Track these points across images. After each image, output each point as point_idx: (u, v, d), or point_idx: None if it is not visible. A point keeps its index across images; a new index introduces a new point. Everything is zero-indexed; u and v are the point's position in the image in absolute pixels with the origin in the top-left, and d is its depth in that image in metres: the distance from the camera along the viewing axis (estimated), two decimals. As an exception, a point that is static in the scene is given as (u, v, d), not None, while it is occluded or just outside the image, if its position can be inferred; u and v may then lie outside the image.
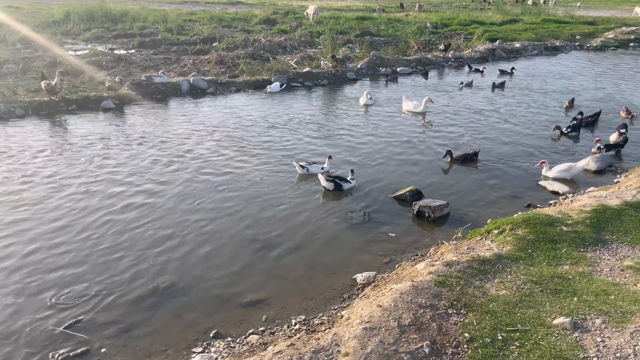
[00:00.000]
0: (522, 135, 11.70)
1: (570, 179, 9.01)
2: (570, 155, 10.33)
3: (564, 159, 9.95)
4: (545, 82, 17.87)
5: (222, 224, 7.19)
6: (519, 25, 32.48)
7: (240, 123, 12.17)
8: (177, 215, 7.45)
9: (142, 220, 7.27)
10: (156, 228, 7.05)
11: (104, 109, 12.90)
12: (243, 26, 31.19)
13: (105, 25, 28.47)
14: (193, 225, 7.14)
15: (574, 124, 11.94)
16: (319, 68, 18.83)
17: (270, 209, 7.67)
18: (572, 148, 10.85)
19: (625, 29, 30.52)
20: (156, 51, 22.96)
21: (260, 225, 7.17)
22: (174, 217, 7.38)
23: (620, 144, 10.56)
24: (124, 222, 7.20)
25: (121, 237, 6.78)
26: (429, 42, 26.31)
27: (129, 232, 6.92)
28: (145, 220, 7.28)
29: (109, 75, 16.90)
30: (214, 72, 18.55)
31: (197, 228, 7.06)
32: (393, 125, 12.39)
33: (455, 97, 15.36)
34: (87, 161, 9.45)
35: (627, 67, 21.48)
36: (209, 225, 7.16)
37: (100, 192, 8.17)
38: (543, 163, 9.25)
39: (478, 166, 9.67)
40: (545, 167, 9.22)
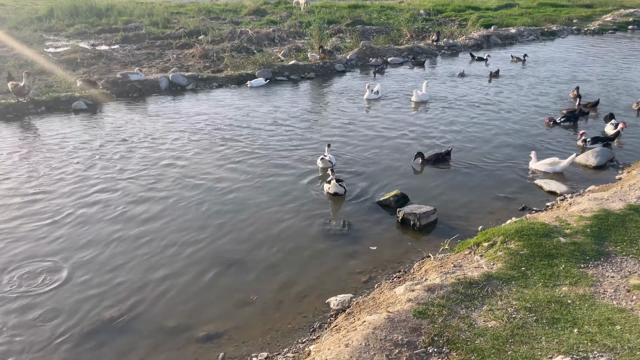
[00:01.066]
0: (518, 129, 11.03)
1: (554, 173, 8.47)
2: (568, 150, 9.68)
3: (556, 154, 9.33)
4: (545, 70, 17.14)
5: (182, 238, 6.54)
6: (515, 9, 31.64)
7: (218, 122, 11.48)
8: (134, 228, 6.80)
9: (94, 235, 6.63)
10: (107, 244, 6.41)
11: (75, 110, 12.19)
12: (232, 18, 30.34)
13: (90, 20, 27.64)
14: (148, 242, 6.49)
15: (572, 113, 11.38)
16: (307, 60, 18.10)
17: (239, 220, 7.02)
18: (570, 143, 10.16)
19: (623, 11, 29.69)
20: (139, 46, 22.19)
21: (226, 239, 6.53)
22: (129, 230, 6.74)
23: (610, 137, 9.88)
24: (73, 235, 6.56)
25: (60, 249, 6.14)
26: (422, 29, 25.52)
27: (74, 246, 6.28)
28: (98, 233, 6.64)
29: (86, 73, 16.20)
30: (197, 66, 17.82)
31: (152, 245, 6.41)
32: (381, 120, 11.71)
33: (449, 89, 14.64)
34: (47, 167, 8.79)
35: (628, 51, 20.72)
36: (166, 241, 6.51)
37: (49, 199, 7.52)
38: (533, 154, 8.80)
39: (470, 165, 9.01)
40: (533, 158, 8.76)
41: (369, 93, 13.58)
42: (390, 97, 13.77)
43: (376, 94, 13.59)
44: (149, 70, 16.99)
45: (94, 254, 6.19)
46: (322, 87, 15.47)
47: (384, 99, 13.60)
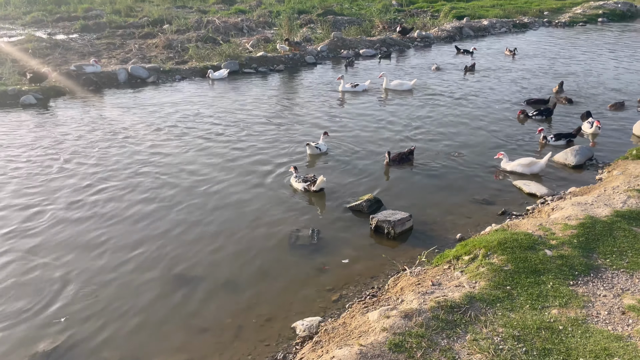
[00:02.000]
0: (492, 125, 10.66)
1: (531, 174, 8.11)
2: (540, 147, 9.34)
3: (528, 153, 9.00)
4: (521, 63, 16.86)
5: (126, 255, 5.89)
6: (487, 1, 31.48)
7: (177, 118, 10.76)
8: (75, 242, 6.11)
9: (28, 253, 5.92)
10: (43, 267, 5.71)
11: (24, 105, 11.27)
12: (199, 6, 29.33)
13: (48, 8, 26.26)
14: (93, 260, 5.83)
15: (545, 108, 11.15)
16: (276, 52, 17.41)
17: (194, 230, 6.40)
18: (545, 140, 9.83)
19: (592, 4, 29.83)
20: (99, 35, 21.09)
21: (180, 252, 5.91)
22: (70, 246, 6.05)
23: (572, 134, 9.57)
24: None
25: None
26: (395, 20, 25.07)
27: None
28: (32, 253, 5.93)
29: (42, 64, 15.16)
30: (161, 57, 16.94)
31: (98, 259, 5.75)
32: (352, 116, 11.18)
33: (421, 82, 14.20)
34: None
35: (600, 43, 20.67)
36: (106, 259, 5.85)
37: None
38: (501, 155, 8.36)
39: (444, 165, 8.56)
40: (504, 159, 8.34)
41: (343, 85, 13.12)
42: (362, 92, 13.25)
43: (353, 87, 13.14)
44: (108, 62, 16.05)
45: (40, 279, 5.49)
46: (290, 80, 14.83)
47: (355, 92, 13.09)
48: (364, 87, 13.27)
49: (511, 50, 18.14)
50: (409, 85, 13.29)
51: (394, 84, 13.30)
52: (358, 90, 13.13)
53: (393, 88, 13.27)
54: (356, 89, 13.14)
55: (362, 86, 13.25)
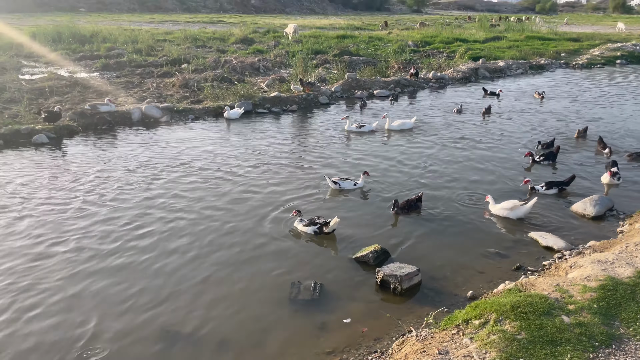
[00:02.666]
0: (505, 171, 10.34)
1: (516, 218, 7.91)
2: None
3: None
4: (543, 106, 16.59)
5: (112, 308, 5.66)
6: (503, 42, 31.57)
7: (184, 159, 10.67)
8: (62, 289, 5.91)
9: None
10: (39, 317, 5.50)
11: (36, 144, 11.33)
12: (218, 46, 29.88)
13: (72, 47, 26.98)
14: (78, 305, 5.61)
15: (549, 152, 10.80)
16: (290, 92, 17.48)
17: (189, 280, 6.16)
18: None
19: (610, 46, 29.68)
20: (119, 74, 21.50)
21: (172, 305, 5.65)
22: (58, 291, 5.85)
23: (564, 182, 9.12)
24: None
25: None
26: (410, 61, 25.19)
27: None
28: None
29: (58, 103, 15.41)
30: (176, 96, 17.13)
31: (78, 311, 5.53)
32: (362, 157, 10.99)
33: (431, 123, 14.02)
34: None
35: (622, 85, 20.38)
36: (84, 315, 5.62)
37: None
38: (488, 198, 8.20)
39: (454, 212, 8.25)
40: (491, 201, 8.15)
41: (349, 125, 13.16)
42: (368, 132, 13.14)
43: (359, 128, 13.09)
44: (125, 100, 16.25)
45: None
46: (302, 121, 14.78)
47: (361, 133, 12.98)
48: (370, 127, 13.24)
49: (540, 93, 17.88)
50: (410, 124, 13.40)
51: (395, 124, 13.39)
52: (364, 131, 13.10)
53: (396, 128, 13.32)
54: (362, 129, 13.12)
55: (368, 127, 13.22)
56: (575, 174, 9.40)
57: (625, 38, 35.98)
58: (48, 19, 43.06)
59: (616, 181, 9.42)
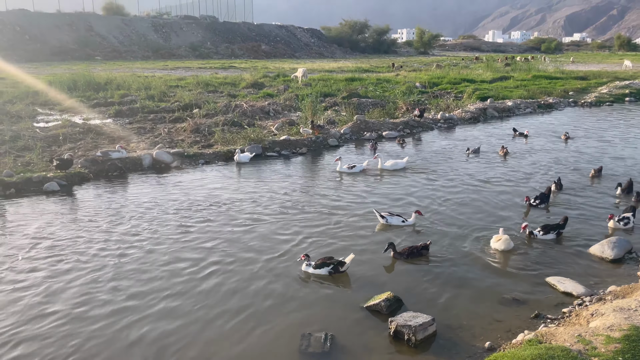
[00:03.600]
0: (512, 213, 10.17)
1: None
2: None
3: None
4: (554, 146, 16.47)
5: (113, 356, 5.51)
6: (510, 82, 31.85)
7: (193, 205, 10.64)
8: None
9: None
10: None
11: (47, 192, 11.41)
12: (230, 90, 30.48)
13: (87, 94, 27.63)
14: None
15: (541, 194, 10.51)
16: (299, 135, 17.61)
17: (193, 326, 6.00)
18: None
19: (618, 83, 29.80)
20: (132, 120, 21.88)
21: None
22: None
23: (560, 224, 8.81)
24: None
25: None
26: (418, 102, 25.42)
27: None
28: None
29: (71, 150, 15.64)
30: (187, 141, 17.31)
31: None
32: (367, 197, 10.89)
33: (440, 163, 13.95)
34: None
35: (634, 123, 20.30)
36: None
37: None
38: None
39: (465, 255, 8.06)
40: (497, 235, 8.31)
41: (341, 166, 13.39)
42: (359, 172, 13.26)
43: (350, 168, 13.34)
44: (137, 146, 16.45)
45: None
46: (311, 163, 14.79)
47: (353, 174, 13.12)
48: (361, 167, 13.46)
49: (566, 134, 17.48)
50: (402, 164, 13.63)
51: (388, 164, 13.63)
52: (355, 171, 13.30)
53: (389, 168, 13.53)
54: (353, 170, 13.33)
55: (359, 167, 13.42)
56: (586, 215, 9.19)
57: (633, 75, 36.15)
58: (65, 67, 44.43)
59: (622, 226, 9.10)
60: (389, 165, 13.60)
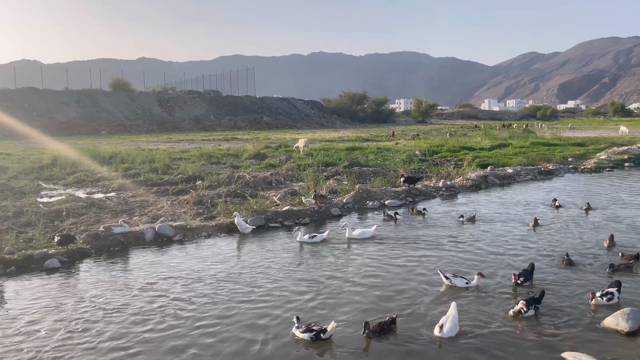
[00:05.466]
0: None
1: None
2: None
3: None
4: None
5: None
6: (509, 149, 32.35)
7: (197, 279, 10.46)
8: None
9: None
10: None
11: (48, 269, 11.26)
12: (232, 162, 30.94)
13: (91, 168, 28.01)
14: None
15: (524, 270, 9.81)
16: (302, 205, 17.65)
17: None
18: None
19: (616, 149, 30.23)
20: (135, 193, 22.04)
21: None
22: None
23: (536, 298, 8.38)
24: None
25: None
26: (419, 170, 25.68)
27: None
28: None
29: (73, 225, 15.64)
30: (190, 213, 17.34)
31: None
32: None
33: (430, 233, 13.84)
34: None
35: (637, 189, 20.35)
36: None
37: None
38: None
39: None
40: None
41: (301, 236, 13.43)
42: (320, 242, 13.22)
43: (311, 238, 13.36)
44: (139, 219, 16.45)
45: None
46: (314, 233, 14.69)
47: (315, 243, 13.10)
48: (322, 237, 13.48)
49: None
50: (370, 233, 13.66)
51: (356, 233, 13.66)
52: (316, 241, 13.33)
53: (357, 237, 13.54)
54: (314, 239, 13.36)
55: (320, 237, 13.46)
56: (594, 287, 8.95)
57: (630, 141, 36.77)
58: (71, 142, 45.48)
59: (605, 302, 8.60)
60: (357, 234, 13.65)
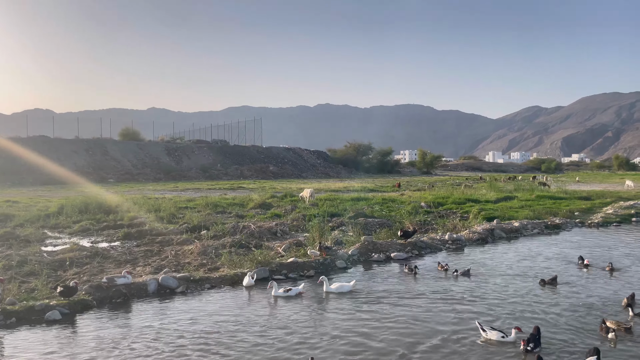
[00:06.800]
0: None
1: None
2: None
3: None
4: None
5: None
6: (515, 202, 32.24)
7: (198, 336, 10.24)
8: None
9: None
10: None
11: (48, 321, 11.08)
12: (238, 211, 30.90)
13: (97, 217, 28.01)
14: None
15: (531, 335, 9.29)
16: (306, 256, 17.49)
17: None
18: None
19: (623, 204, 30.07)
20: (139, 242, 21.94)
21: None
22: None
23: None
24: None
25: None
26: (424, 222, 25.54)
27: None
28: None
29: (76, 274, 15.50)
30: (194, 264, 17.18)
31: None
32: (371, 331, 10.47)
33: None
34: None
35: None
36: None
37: None
38: None
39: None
40: None
41: (275, 290, 13.22)
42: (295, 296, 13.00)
43: (286, 292, 13.18)
44: (143, 270, 16.31)
45: None
46: (317, 288, 14.44)
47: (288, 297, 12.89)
48: (297, 291, 13.37)
49: (610, 265, 15.50)
50: (349, 287, 13.59)
51: (333, 287, 13.58)
52: (291, 295, 13.21)
53: (334, 291, 13.45)
54: (289, 293, 13.24)
55: (295, 290, 13.35)
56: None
57: (636, 195, 36.65)
58: (78, 190, 45.74)
59: None
60: (334, 288, 13.59)
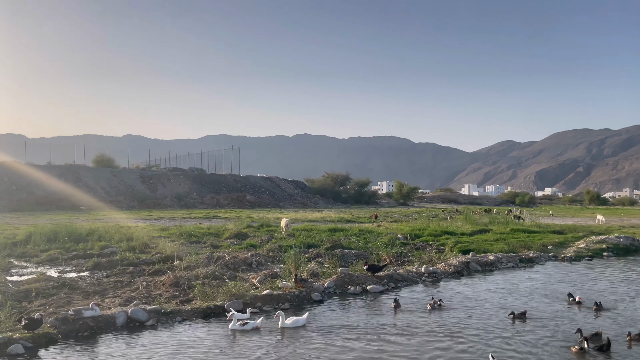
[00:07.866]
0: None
1: None
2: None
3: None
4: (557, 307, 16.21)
5: None
6: (490, 235, 32.54)
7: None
8: None
9: None
10: None
11: (10, 355, 10.55)
12: (212, 241, 30.39)
13: (66, 246, 27.15)
14: None
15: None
16: (281, 289, 17.19)
17: None
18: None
19: (594, 238, 30.60)
20: (109, 273, 21.29)
21: None
22: None
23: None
24: None
25: None
26: (401, 254, 25.50)
27: None
28: None
29: (42, 306, 14.89)
30: (166, 295, 16.70)
31: None
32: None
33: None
34: None
35: (617, 280, 20.37)
36: None
37: None
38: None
39: None
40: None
41: (234, 323, 13.14)
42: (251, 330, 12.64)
43: (242, 325, 13.06)
44: (112, 302, 15.77)
45: None
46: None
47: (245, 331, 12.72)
48: (255, 324, 13.27)
49: (597, 304, 15.04)
50: (303, 321, 13.61)
51: (288, 322, 13.54)
52: (247, 329, 13.08)
53: (289, 326, 13.41)
54: (245, 327, 13.11)
55: (252, 324, 13.24)
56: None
57: (607, 230, 37.38)
58: (48, 217, 44.57)
59: None
60: (290, 322, 13.55)
